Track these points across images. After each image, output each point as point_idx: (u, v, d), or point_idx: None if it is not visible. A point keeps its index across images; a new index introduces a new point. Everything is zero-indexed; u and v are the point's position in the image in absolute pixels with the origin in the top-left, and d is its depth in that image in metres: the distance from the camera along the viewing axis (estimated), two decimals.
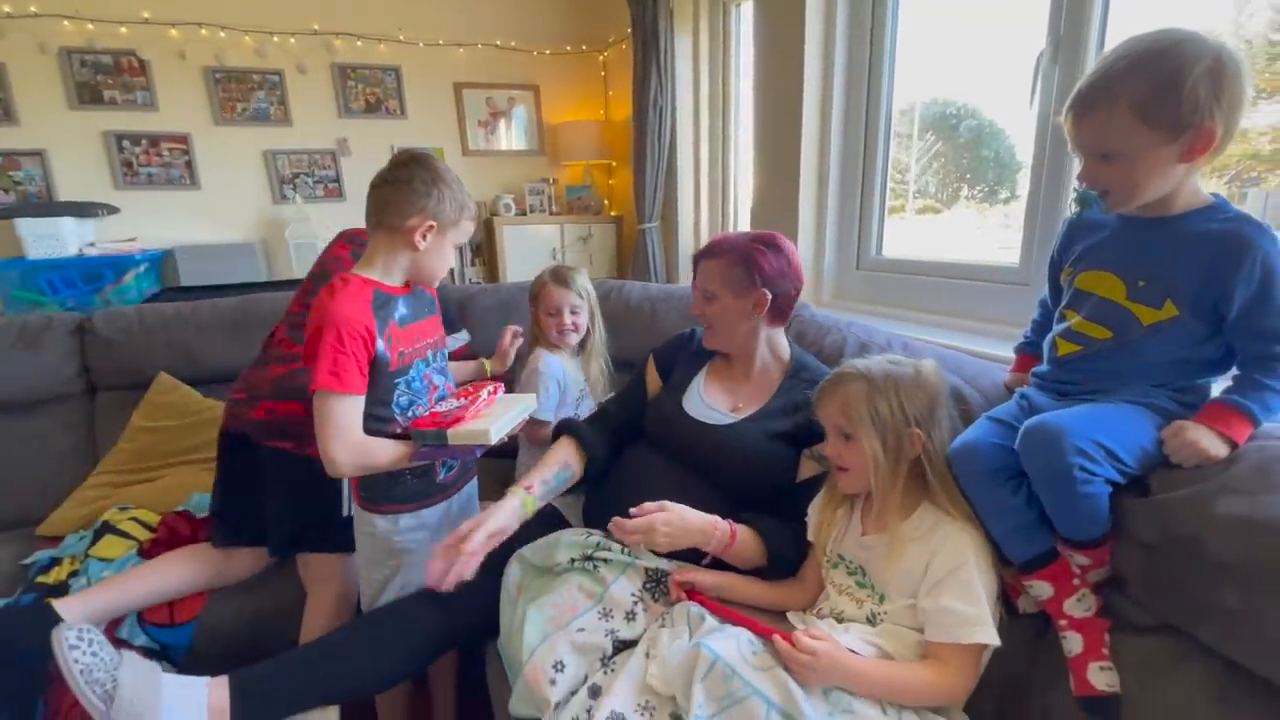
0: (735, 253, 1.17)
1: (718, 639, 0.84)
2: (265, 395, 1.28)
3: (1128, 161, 0.75)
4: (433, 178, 1.07)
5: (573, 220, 3.40)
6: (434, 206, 1.06)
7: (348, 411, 1.02)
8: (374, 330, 1.03)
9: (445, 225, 1.09)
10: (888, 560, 0.89)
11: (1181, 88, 0.69)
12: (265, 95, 3.13)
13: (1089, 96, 0.75)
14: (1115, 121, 0.73)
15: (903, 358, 0.93)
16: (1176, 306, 0.78)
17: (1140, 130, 0.72)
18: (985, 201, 1.86)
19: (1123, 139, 0.74)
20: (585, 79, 3.62)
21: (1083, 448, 0.73)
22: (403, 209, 1.05)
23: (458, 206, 1.09)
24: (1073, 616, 0.82)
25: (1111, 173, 0.77)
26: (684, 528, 1.02)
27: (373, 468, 1.07)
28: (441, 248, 1.10)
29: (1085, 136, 0.77)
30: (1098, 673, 0.79)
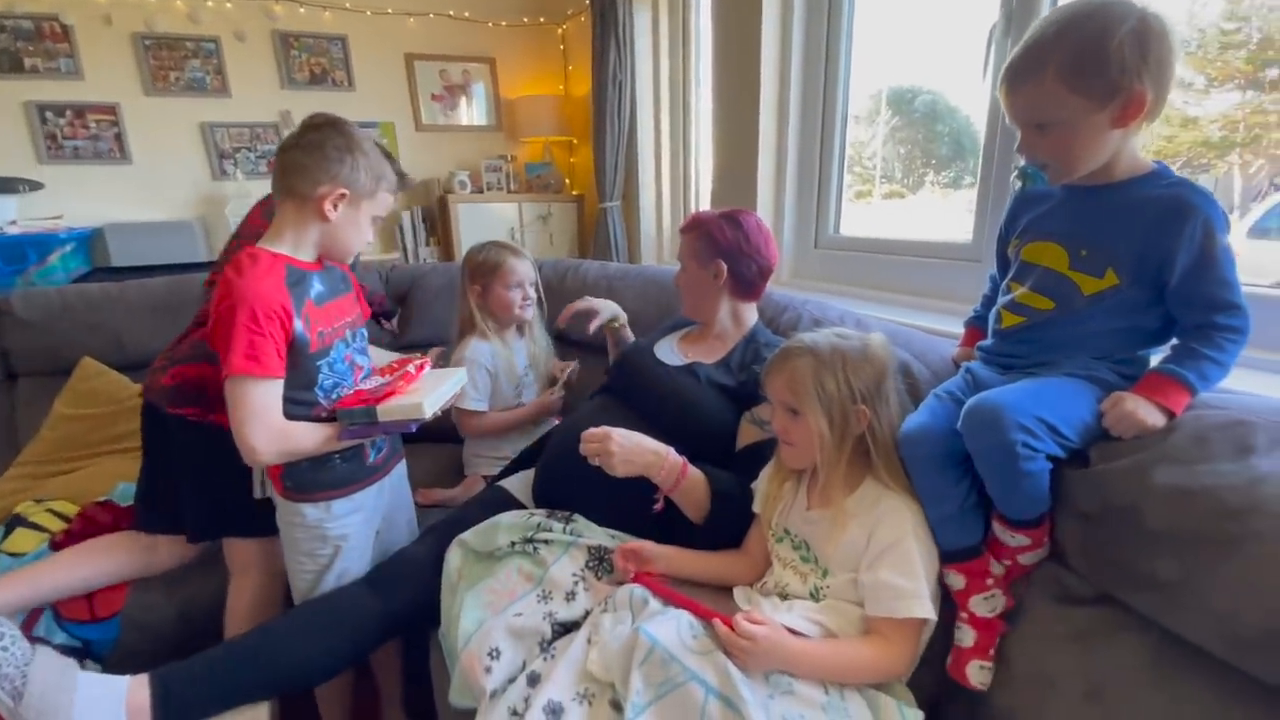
0: (700, 226, 1.24)
1: (657, 623, 0.81)
2: (178, 359, 1.20)
3: (1062, 131, 0.74)
4: (347, 143, 0.99)
5: (532, 199, 3.31)
6: (347, 174, 0.99)
7: (266, 396, 0.95)
8: (290, 309, 0.96)
9: (360, 195, 1.01)
10: (830, 535, 0.88)
11: (1107, 50, 0.69)
12: (200, 64, 2.95)
13: (1019, 67, 0.74)
14: (1045, 90, 0.72)
15: (851, 332, 0.91)
16: (1117, 275, 0.77)
17: (1070, 97, 0.72)
18: (950, 186, 1.88)
19: (1054, 108, 0.73)
20: (543, 52, 3.51)
21: (1025, 424, 0.72)
22: (313, 175, 0.98)
23: (374, 176, 1.02)
24: (975, 613, 0.83)
25: (1048, 143, 0.76)
26: (639, 446, 1.01)
27: (296, 454, 1.01)
28: (355, 220, 1.03)
29: (1019, 108, 0.77)
30: (977, 670, 0.81)
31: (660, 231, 2.86)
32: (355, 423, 0.99)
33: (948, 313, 1.48)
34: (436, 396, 1.04)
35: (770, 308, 1.39)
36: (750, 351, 1.19)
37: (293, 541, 1.11)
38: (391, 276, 2.06)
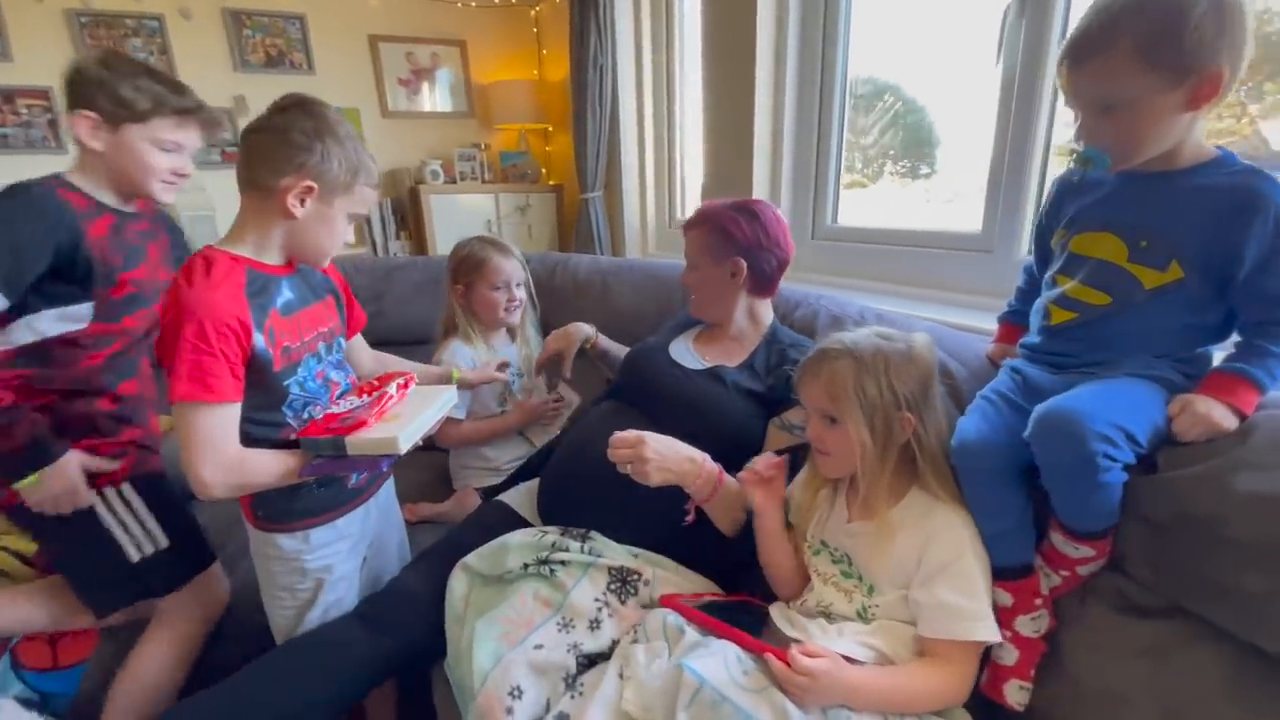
0: (712, 220, 1.13)
1: (701, 658, 0.74)
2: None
3: (1130, 112, 0.69)
4: (317, 128, 0.87)
5: (508, 189, 3.17)
6: (316, 163, 0.86)
7: (218, 424, 0.83)
8: (249, 322, 0.84)
9: (331, 189, 0.89)
10: (876, 549, 0.82)
11: (1186, 26, 0.64)
12: (143, 44, 2.72)
13: (1086, 43, 0.69)
14: (1116, 65, 0.67)
15: (893, 331, 0.85)
16: (1181, 268, 0.72)
17: (1143, 74, 0.66)
18: (908, 176, 1.87)
19: (1124, 85, 0.67)
20: (516, 35, 3.36)
21: (1105, 433, 0.66)
22: (275, 164, 0.86)
23: (349, 168, 0.89)
24: (1020, 633, 0.79)
25: (1112, 126, 0.70)
26: (675, 452, 0.93)
27: (253, 487, 0.90)
28: (327, 217, 0.91)
29: (1083, 85, 0.71)
30: (1016, 689, 0.78)
31: (645, 223, 2.76)
32: (322, 455, 0.88)
33: (957, 304, 1.44)
34: (416, 426, 0.91)
35: (781, 304, 1.32)
36: (775, 353, 1.11)
37: (269, 575, 1.00)
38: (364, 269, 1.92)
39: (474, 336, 1.48)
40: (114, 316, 1.05)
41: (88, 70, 0.97)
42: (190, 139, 1.05)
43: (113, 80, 0.96)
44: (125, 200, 1.06)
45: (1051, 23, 1.25)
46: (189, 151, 1.06)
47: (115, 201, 1.04)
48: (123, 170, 1.01)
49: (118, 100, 0.96)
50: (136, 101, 0.97)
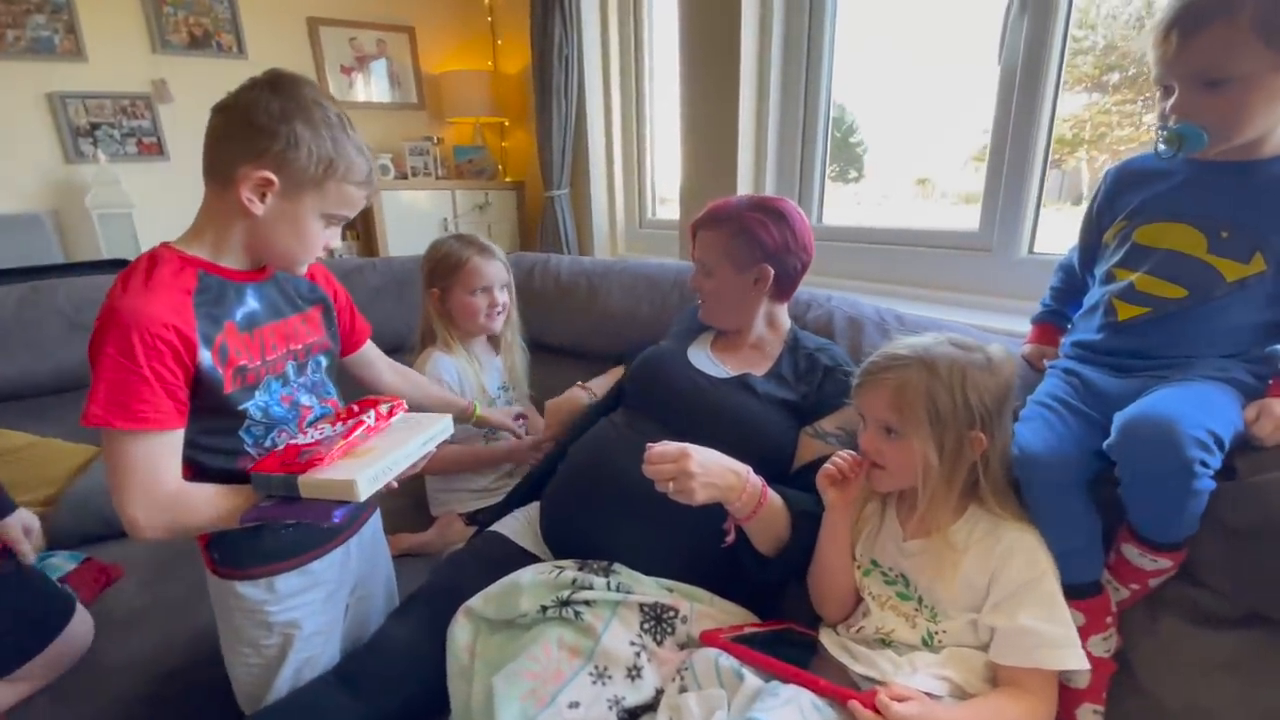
0: (734, 222, 1.02)
1: (774, 710, 0.66)
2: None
3: (1240, 88, 0.65)
4: (284, 110, 0.71)
5: (465, 186, 3.00)
6: (278, 151, 0.71)
7: (146, 455, 0.69)
8: (191, 336, 0.70)
9: (297, 183, 0.73)
10: (940, 570, 0.76)
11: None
12: (46, 20, 2.41)
13: (1203, 8, 0.64)
14: (1234, 37, 0.63)
15: (968, 339, 0.78)
16: (1266, 260, 0.69)
17: (1261, 51, 0.63)
18: (838, 179, 1.93)
19: (1240, 60, 0.64)
20: (469, 24, 3.19)
21: (1200, 439, 0.62)
22: (232, 150, 0.72)
23: (320, 159, 0.73)
24: (1092, 653, 0.74)
25: (1216, 103, 0.66)
26: (719, 464, 0.81)
27: (188, 530, 0.75)
28: (294, 216, 0.75)
29: (1192, 57, 0.66)
30: (1090, 715, 0.75)
31: (614, 223, 2.66)
32: (274, 494, 0.73)
33: (954, 304, 1.42)
34: (385, 465, 0.75)
35: (790, 306, 1.25)
36: (803, 358, 1.04)
37: (229, 628, 0.86)
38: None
39: (454, 345, 1.34)
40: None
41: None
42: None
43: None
44: None
45: (1055, 20, 1.23)
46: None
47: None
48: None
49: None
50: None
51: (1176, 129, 0.69)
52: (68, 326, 1.42)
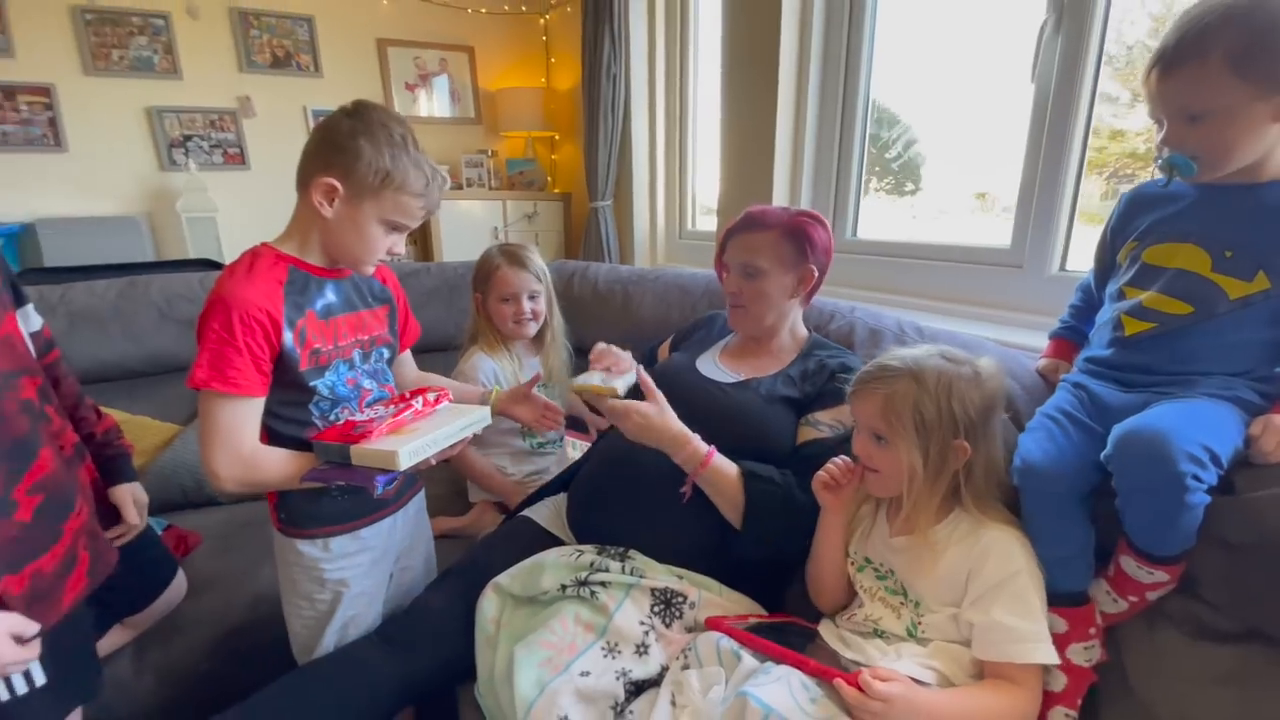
0: (784, 226, 1.08)
1: (765, 685, 0.70)
2: None
3: (1219, 121, 0.68)
4: (354, 129, 0.84)
5: (515, 196, 3.15)
6: (343, 163, 0.83)
7: (234, 416, 0.82)
8: (279, 319, 0.82)
9: (358, 191, 0.85)
10: (922, 566, 0.80)
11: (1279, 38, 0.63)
12: (148, 42, 2.67)
13: (1177, 50, 0.68)
14: (1207, 75, 0.66)
15: (958, 352, 0.82)
16: (1269, 278, 0.71)
17: (1234, 85, 0.66)
18: (893, 193, 1.90)
19: (1215, 95, 0.67)
20: (525, 43, 3.35)
21: (1193, 453, 0.64)
22: (311, 162, 0.85)
23: (378, 171, 0.84)
24: (1071, 661, 0.77)
25: (1200, 135, 0.69)
26: (663, 421, 0.95)
27: (262, 485, 0.87)
28: (356, 221, 0.86)
29: (1172, 94, 0.70)
30: (1060, 717, 0.77)
31: (654, 233, 2.74)
32: (330, 460, 0.84)
33: (985, 319, 1.43)
34: (425, 443, 0.84)
35: (815, 315, 1.30)
36: (814, 361, 1.09)
37: (289, 582, 0.97)
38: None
39: (496, 346, 1.44)
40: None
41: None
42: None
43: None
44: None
45: (1088, 40, 1.24)
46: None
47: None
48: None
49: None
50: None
51: (1169, 159, 0.72)
52: (159, 317, 1.60)
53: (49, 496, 0.78)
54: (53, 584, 0.78)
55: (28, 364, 0.82)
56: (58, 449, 0.83)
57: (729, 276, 1.14)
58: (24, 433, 0.76)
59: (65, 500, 0.81)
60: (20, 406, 0.77)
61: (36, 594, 0.75)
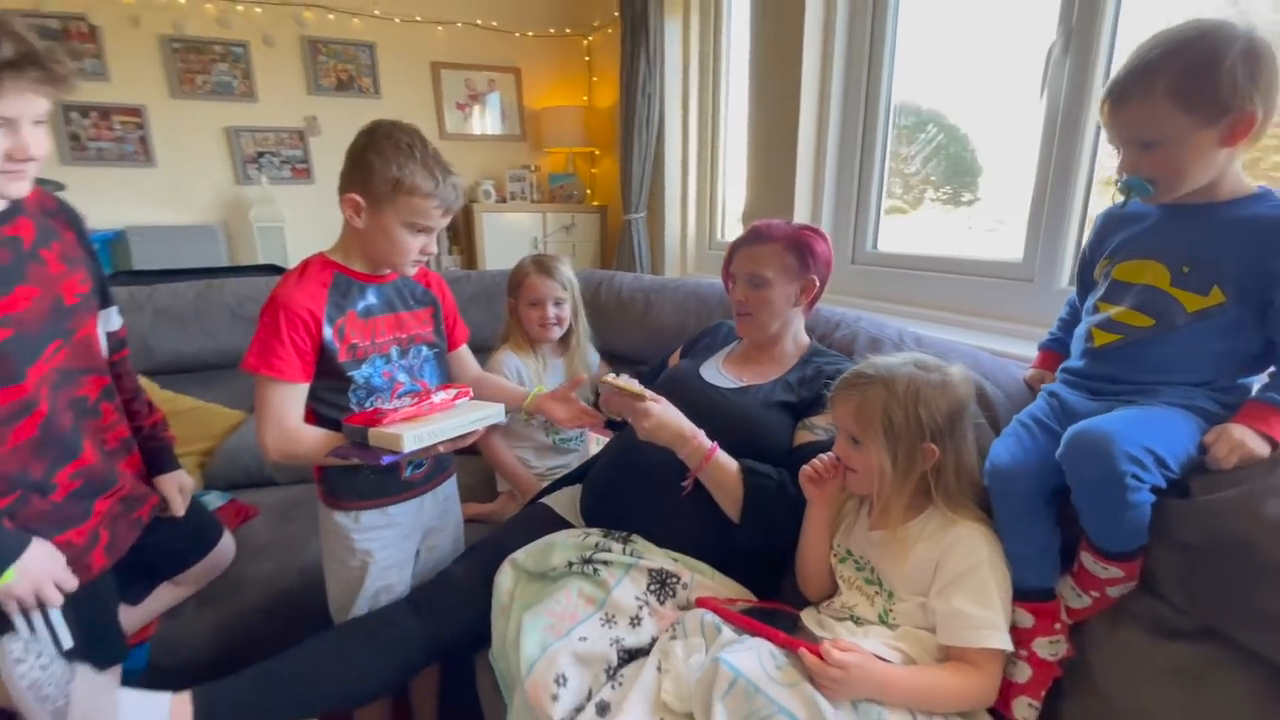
0: (788, 238, 1.16)
1: (738, 653, 0.78)
2: None
3: (1169, 148, 0.73)
4: (365, 146, 0.95)
5: (555, 209, 3.30)
6: (361, 179, 0.94)
7: (276, 396, 0.95)
8: (320, 316, 0.95)
9: (377, 201, 0.94)
10: (895, 558, 0.86)
11: (1219, 70, 0.68)
12: (228, 68, 2.95)
13: (1126, 85, 0.73)
14: (1154, 107, 0.72)
15: (931, 360, 0.88)
16: (1223, 292, 0.75)
17: (1179, 115, 0.71)
18: (950, 203, 1.87)
19: (1162, 125, 0.72)
20: (568, 64, 3.52)
21: (1134, 454, 0.69)
22: (340, 184, 0.97)
23: (387, 180, 0.93)
24: (1036, 653, 0.81)
25: (1153, 161, 0.75)
26: (673, 419, 1.02)
27: (300, 458, 0.99)
28: (384, 227, 0.96)
29: (1124, 125, 0.76)
30: (1024, 706, 0.81)
31: (684, 244, 2.84)
32: (354, 441, 0.95)
33: (997, 332, 1.46)
34: (430, 430, 0.93)
35: (821, 324, 1.36)
36: (811, 369, 1.15)
37: (329, 549, 1.10)
38: None
39: (524, 346, 1.56)
40: (12, 376, 0.80)
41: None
42: (21, 106, 0.75)
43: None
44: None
45: (1095, 59, 1.28)
46: (28, 122, 0.77)
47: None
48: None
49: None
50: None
51: (1126, 181, 0.77)
52: (231, 316, 1.78)
53: (86, 482, 0.90)
54: (79, 554, 0.89)
55: (97, 364, 0.93)
56: (101, 442, 0.94)
57: (736, 285, 1.21)
58: (67, 428, 0.88)
59: (100, 485, 0.93)
60: (69, 404, 0.87)
61: (70, 559, 0.87)
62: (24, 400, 0.81)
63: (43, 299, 0.83)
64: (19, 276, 0.81)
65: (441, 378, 1.15)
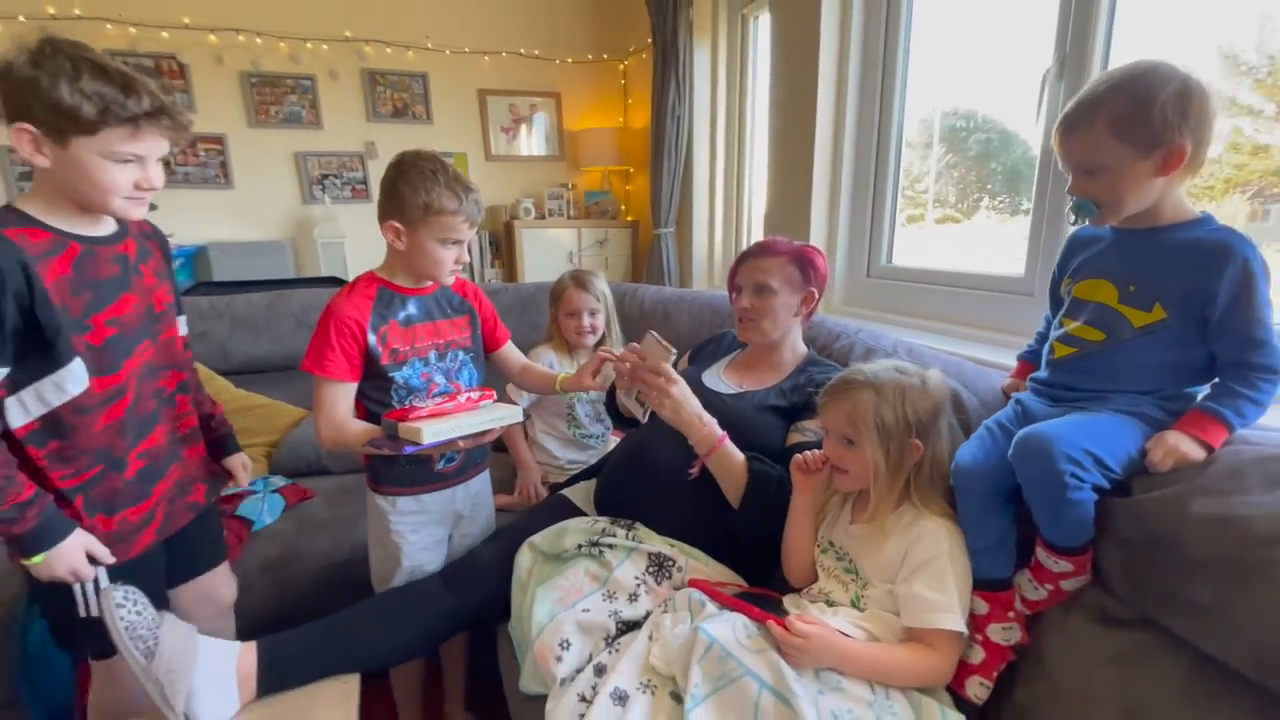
0: (791, 253, 1.27)
1: (715, 623, 0.89)
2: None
3: (1110, 175, 0.81)
4: (395, 178, 1.08)
5: (590, 224, 3.47)
6: (396, 207, 1.08)
7: (328, 393, 1.11)
8: (365, 325, 1.10)
9: (413, 224, 1.08)
10: (870, 549, 0.95)
11: (1152, 108, 0.76)
12: (297, 99, 3.25)
13: (1072, 117, 0.82)
14: (1096, 138, 0.79)
15: (910, 365, 0.98)
16: (1164, 309, 0.82)
17: (1116, 146, 0.79)
18: (1006, 212, 1.87)
19: (1102, 154, 0.80)
20: (605, 87, 3.70)
21: (1073, 455, 0.77)
22: (379, 213, 1.12)
23: (418, 204, 1.06)
24: (990, 638, 0.89)
25: (1097, 186, 0.82)
26: (689, 403, 1.11)
27: (345, 445, 1.13)
28: (421, 246, 1.10)
29: (1071, 153, 0.84)
30: (976, 685, 0.89)
31: (711, 257, 2.96)
32: (388, 434, 1.07)
33: (999, 344, 1.51)
34: (448, 427, 1.04)
35: (824, 335, 1.46)
36: (804, 377, 1.25)
37: (372, 528, 1.25)
38: None
39: (562, 350, 1.72)
40: (111, 366, 0.92)
41: (18, 70, 0.80)
42: (152, 147, 0.88)
43: (47, 83, 0.79)
44: (95, 221, 0.92)
45: None
46: (154, 159, 0.90)
47: (81, 224, 0.90)
48: (76, 189, 0.86)
49: (56, 109, 0.80)
50: (81, 109, 0.80)
51: (1076, 203, 0.85)
52: (296, 324, 2.00)
53: (150, 463, 1.00)
54: (131, 531, 0.98)
55: (177, 361, 1.07)
56: (173, 430, 1.05)
57: (743, 294, 1.31)
58: (149, 412, 0.99)
59: (161, 469, 1.02)
60: (153, 393, 1.00)
61: (119, 535, 0.97)
62: (117, 387, 0.93)
63: (140, 305, 0.97)
64: (126, 286, 0.94)
65: (478, 378, 1.28)
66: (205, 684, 0.93)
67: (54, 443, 0.90)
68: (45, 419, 0.89)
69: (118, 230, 0.95)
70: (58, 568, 0.90)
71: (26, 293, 0.82)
